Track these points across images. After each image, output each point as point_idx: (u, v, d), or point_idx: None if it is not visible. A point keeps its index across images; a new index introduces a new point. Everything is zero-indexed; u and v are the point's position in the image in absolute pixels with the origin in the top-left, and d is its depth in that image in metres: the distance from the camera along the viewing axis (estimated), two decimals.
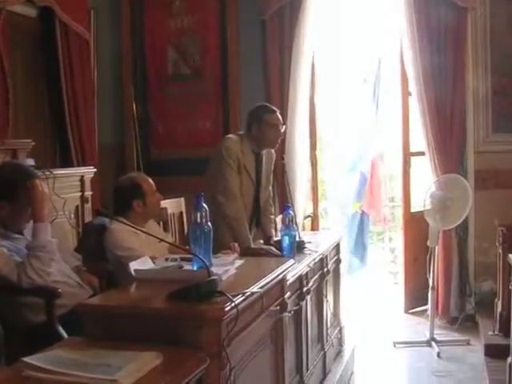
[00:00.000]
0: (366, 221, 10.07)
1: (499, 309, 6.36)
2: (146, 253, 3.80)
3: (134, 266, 3.28)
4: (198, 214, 3.19)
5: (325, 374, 5.27)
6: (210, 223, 3.21)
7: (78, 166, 6.80)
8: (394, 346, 6.74)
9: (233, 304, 2.72)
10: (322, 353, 5.23)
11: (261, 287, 3.08)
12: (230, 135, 5.39)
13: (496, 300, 6.56)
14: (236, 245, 4.62)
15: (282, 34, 7.48)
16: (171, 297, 2.80)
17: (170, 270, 3.29)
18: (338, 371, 5.50)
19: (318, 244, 5.35)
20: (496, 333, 6.35)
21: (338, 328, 5.93)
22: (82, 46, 7.17)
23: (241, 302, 2.81)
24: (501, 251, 6.37)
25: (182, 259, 3.40)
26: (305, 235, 5.60)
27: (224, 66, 7.79)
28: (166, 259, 3.50)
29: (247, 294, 2.90)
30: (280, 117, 5.25)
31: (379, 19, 9.90)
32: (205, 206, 3.20)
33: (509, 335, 5.43)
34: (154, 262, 3.44)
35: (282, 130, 5.26)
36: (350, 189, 10.09)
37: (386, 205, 11.08)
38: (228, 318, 2.71)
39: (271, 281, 3.27)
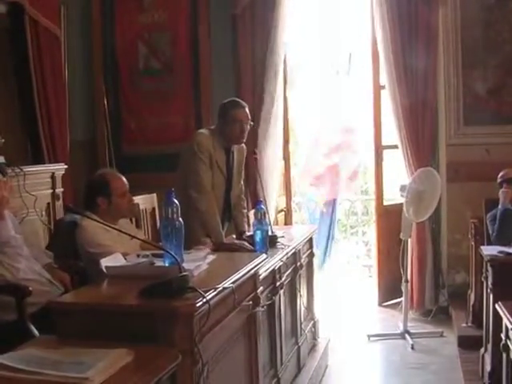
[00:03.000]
0: (333, 215, 10.22)
1: (472, 301, 6.41)
2: (118, 249, 3.77)
3: (105, 262, 3.27)
4: (169, 210, 3.18)
5: (299, 367, 5.29)
6: (181, 219, 3.20)
7: (50, 162, 6.72)
8: (368, 338, 6.76)
9: (204, 299, 2.72)
10: (296, 347, 5.25)
11: (233, 282, 3.08)
12: (201, 130, 5.37)
13: (469, 292, 6.61)
14: (208, 240, 4.62)
15: (254, 27, 7.44)
16: (143, 293, 2.79)
17: (141, 266, 3.27)
18: (313, 365, 5.52)
19: (290, 238, 5.36)
20: (469, 324, 6.41)
21: (312, 322, 5.94)
22: (52, 41, 7.09)
23: (212, 297, 2.81)
24: (473, 243, 6.43)
25: (154, 255, 3.39)
26: (278, 230, 5.62)
27: (195, 60, 7.73)
28: (138, 255, 3.49)
29: (219, 290, 2.90)
30: (247, 113, 5.22)
31: (351, 12, 9.93)
32: (176, 201, 3.19)
33: (481, 327, 5.47)
34: (125, 259, 3.42)
35: (248, 127, 5.23)
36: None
37: (359, 198, 11.14)
38: (200, 314, 2.70)
39: (243, 276, 3.27)
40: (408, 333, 6.69)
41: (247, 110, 5.24)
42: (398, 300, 7.21)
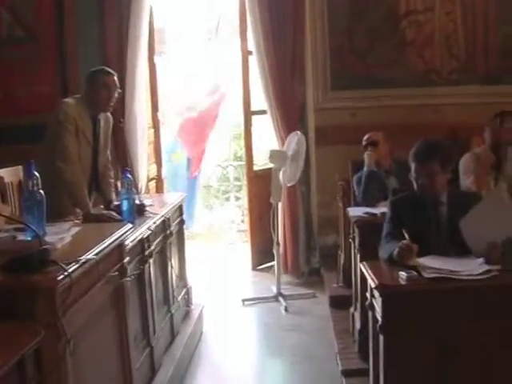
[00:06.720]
0: (195, 182, 10.26)
1: (342, 261, 6.55)
2: None
3: None
4: (30, 183, 3.12)
5: (173, 335, 5.32)
6: (42, 191, 3.14)
7: None
8: (243, 303, 6.84)
9: (66, 273, 2.68)
10: (169, 315, 5.27)
11: (96, 254, 3.04)
12: (67, 99, 5.25)
13: (339, 253, 6.75)
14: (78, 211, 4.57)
15: None
16: (3, 268, 2.73)
17: (1, 241, 3.19)
18: (187, 332, 5.56)
19: (161, 206, 5.35)
20: (340, 285, 6.56)
21: (185, 289, 5.96)
22: None
23: (74, 270, 2.77)
24: (341, 205, 6.55)
25: (16, 230, 3.31)
26: (147, 198, 5.60)
27: (60, 27, 7.52)
28: None
29: (81, 262, 2.86)
30: (116, 80, 5.14)
31: None
32: (36, 173, 3.12)
33: (351, 286, 5.61)
34: None
35: (116, 94, 5.15)
36: None
37: (231, 164, 11.17)
38: (62, 288, 2.66)
39: (107, 246, 3.23)
40: (281, 295, 6.81)
41: (116, 77, 5.17)
42: (272, 263, 7.29)
